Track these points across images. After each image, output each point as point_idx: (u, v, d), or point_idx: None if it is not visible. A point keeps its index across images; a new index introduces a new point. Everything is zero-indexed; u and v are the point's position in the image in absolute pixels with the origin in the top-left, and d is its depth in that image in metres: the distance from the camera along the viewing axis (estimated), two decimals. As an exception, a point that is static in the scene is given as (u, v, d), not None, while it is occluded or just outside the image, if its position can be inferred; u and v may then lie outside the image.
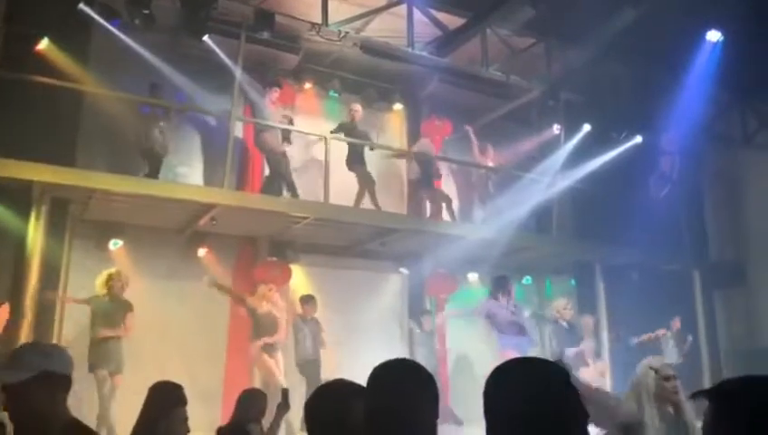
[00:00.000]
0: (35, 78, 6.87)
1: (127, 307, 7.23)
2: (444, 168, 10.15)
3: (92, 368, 6.90)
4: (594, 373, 8.72)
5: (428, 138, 9.90)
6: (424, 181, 9.70)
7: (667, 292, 10.13)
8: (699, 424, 1.36)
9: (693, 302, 10.69)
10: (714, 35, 8.95)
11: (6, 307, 6.44)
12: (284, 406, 4.59)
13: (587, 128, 10.03)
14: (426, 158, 9.61)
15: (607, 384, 8.96)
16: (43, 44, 7.32)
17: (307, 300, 8.44)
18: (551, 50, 9.33)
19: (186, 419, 3.38)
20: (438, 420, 1.59)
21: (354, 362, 7.68)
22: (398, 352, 9.41)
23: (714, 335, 10.70)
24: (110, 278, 7.21)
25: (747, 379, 1.35)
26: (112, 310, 7.14)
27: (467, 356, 10.08)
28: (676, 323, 9.65)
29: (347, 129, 9.19)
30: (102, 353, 6.95)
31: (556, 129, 10.14)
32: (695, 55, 9.21)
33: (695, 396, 1.37)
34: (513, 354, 7.75)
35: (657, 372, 3.24)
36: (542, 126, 10.45)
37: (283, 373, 7.73)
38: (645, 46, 8.74)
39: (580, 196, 10.23)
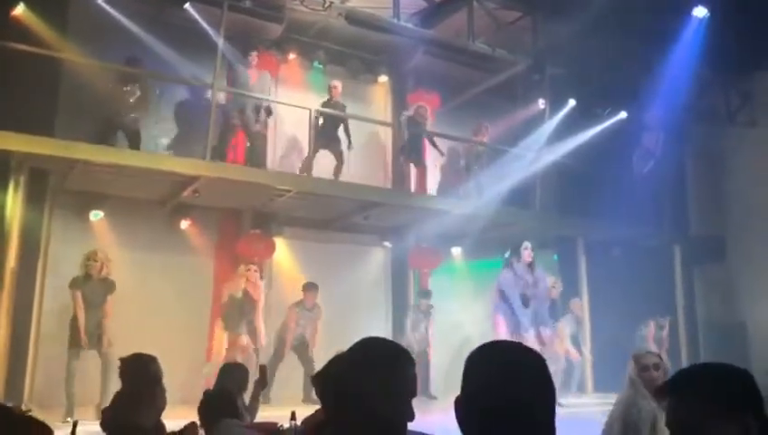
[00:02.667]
0: (11, 45, 6.69)
1: (107, 288, 6.96)
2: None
3: (76, 346, 6.75)
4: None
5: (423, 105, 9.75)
6: (412, 148, 9.60)
7: (647, 267, 10.25)
8: None
9: (672, 277, 10.84)
10: (700, 11, 8.94)
11: None
12: (263, 382, 4.61)
13: (572, 103, 10.03)
14: (416, 123, 9.49)
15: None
16: (19, 10, 7.13)
17: (309, 288, 8.38)
18: (537, 23, 9.27)
19: None
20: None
21: (337, 335, 7.72)
22: (381, 324, 9.50)
23: (692, 310, 10.89)
24: (87, 259, 6.91)
25: (699, 367, 1.44)
26: (92, 292, 6.89)
27: (451, 329, 10.16)
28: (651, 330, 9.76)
29: (326, 106, 8.99)
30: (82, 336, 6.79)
31: (541, 103, 10.12)
32: (680, 31, 9.20)
33: (656, 395, 1.44)
34: (501, 323, 7.88)
35: (636, 361, 3.15)
36: (527, 100, 10.43)
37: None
38: (631, 21, 8.71)
39: (564, 171, 10.26)
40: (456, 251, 10.23)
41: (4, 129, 6.41)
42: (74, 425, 2.75)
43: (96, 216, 7.88)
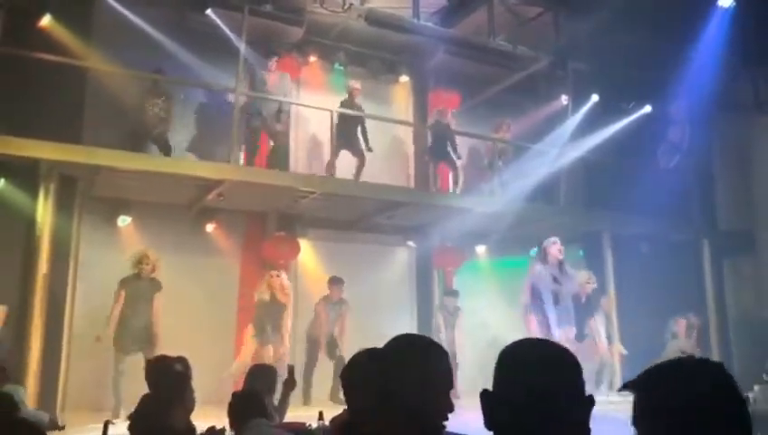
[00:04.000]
0: (39, 55, 6.83)
1: (155, 287, 7.22)
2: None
3: (122, 350, 6.92)
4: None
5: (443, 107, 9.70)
6: (438, 150, 9.56)
7: (675, 262, 10.09)
8: None
9: (701, 271, 10.66)
10: (726, 1, 8.78)
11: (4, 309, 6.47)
12: (291, 382, 4.64)
13: (595, 98, 9.92)
14: (440, 125, 9.45)
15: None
16: (46, 20, 7.28)
17: (334, 282, 8.45)
18: (558, 18, 9.19)
19: None
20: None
21: (363, 335, 7.75)
22: (406, 324, 9.49)
23: (722, 304, 10.69)
24: (139, 261, 7.18)
25: (667, 364, 1.28)
26: (140, 290, 7.14)
27: (477, 328, 10.13)
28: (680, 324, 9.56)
29: (344, 107, 8.97)
30: (129, 336, 6.97)
31: (564, 99, 10.03)
32: (706, 21, 9.05)
33: (622, 390, 1.34)
34: (533, 321, 7.86)
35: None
36: (549, 97, 10.34)
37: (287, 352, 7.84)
38: (654, 13, 8.58)
39: (590, 166, 10.16)
40: (481, 249, 10.19)
41: (34, 137, 6.55)
42: (105, 425, 2.79)
43: (124, 221, 8.02)
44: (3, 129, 6.47)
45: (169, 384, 3.34)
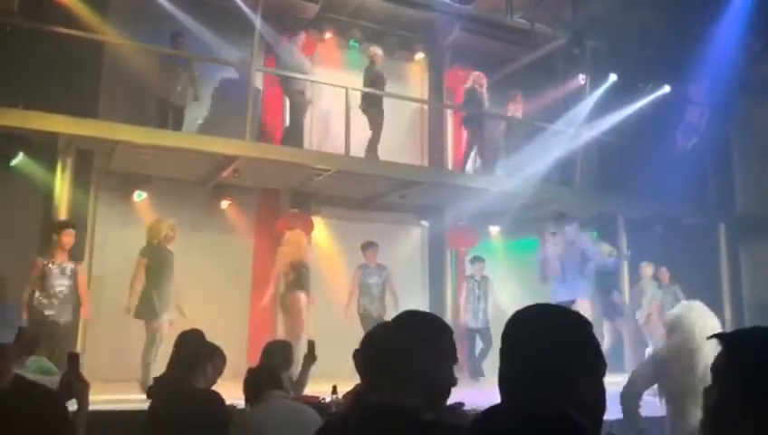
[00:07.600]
0: (56, 29, 6.84)
1: (172, 255, 7.11)
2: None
3: (152, 317, 6.77)
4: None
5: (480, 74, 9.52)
6: (472, 117, 9.41)
7: (690, 245, 10.02)
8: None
9: (717, 255, 10.58)
10: (748, -21, 8.61)
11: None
12: (311, 357, 4.67)
13: (613, 78, 9.79)
14: (474, 92, 9.31)
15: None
16: (63, -6, 7.28)
17: (367, 247, 8.22)
18: (577, -4, 9.07)
19: None
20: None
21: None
22: (418, 303, 9.50)
23: (738, 288, 10.63)
24: (170, 229, 7.05)
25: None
26: (164, 258, 7.00)
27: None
28: (665, 275, 9.38)
29: (369, 76, 8.85)
30: (152, 304, 6.83)
31: (581, 78, 9.91)
32: (728, 1, 8.88)
33: (711, 338, 1.35)
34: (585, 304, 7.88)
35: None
36: (567, 75, 10.21)
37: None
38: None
39: (605, 147, 10.07)
40: (495, 230, 10.15)
41: (51, 111, 6.57)
42: (76, 357, 2.67)
43: (140, 196, 8.06)
44: (21, 103, 6.50)
45: (193, 353, 3.39)
